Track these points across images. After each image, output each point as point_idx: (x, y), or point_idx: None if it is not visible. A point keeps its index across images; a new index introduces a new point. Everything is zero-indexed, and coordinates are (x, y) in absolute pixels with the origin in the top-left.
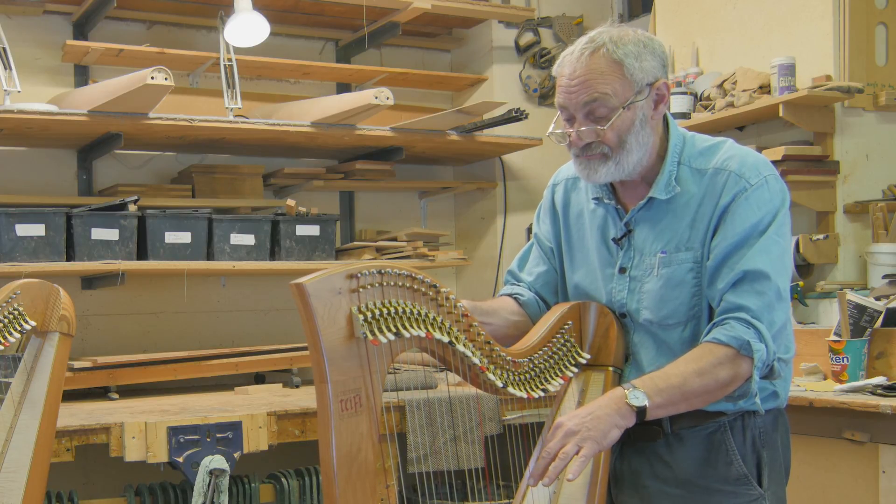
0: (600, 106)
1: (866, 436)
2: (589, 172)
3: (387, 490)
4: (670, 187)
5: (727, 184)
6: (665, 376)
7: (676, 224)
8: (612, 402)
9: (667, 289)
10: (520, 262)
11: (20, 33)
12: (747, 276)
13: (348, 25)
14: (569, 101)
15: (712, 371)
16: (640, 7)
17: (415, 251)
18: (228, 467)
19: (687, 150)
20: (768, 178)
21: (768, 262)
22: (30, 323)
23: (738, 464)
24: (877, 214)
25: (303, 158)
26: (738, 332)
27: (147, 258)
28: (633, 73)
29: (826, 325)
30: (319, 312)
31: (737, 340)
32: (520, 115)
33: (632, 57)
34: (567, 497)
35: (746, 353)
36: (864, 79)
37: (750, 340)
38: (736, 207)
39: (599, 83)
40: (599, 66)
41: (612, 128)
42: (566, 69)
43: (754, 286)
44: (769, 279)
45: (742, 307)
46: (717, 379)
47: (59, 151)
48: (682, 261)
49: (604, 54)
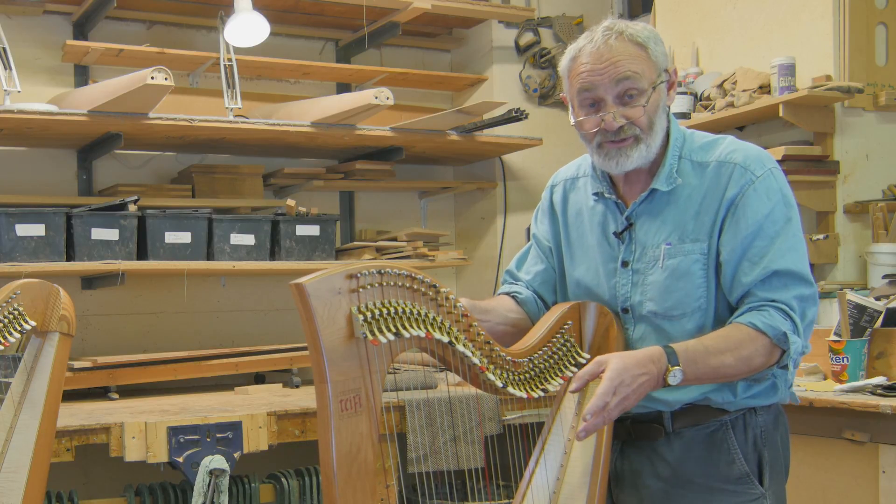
0: (632, 86)
1: (866, 436)
2: (619, 159)
3: (387, 490)
4: (672, 179)
5: (733, 176)
6: (705, 355)
7: (680, 216)
8: (657, 375)
9: (672, 280)
10: (518, 262)
11: (20, 33)
12: (777, 275)
13: (348, 25)
14: (599, 82)
15: (749, 358)
16: (640, 7)
17: (415, 251)
18: (228, 467)
19: (687, 144)
20: (773, 170)
21: (796, 259)
22: (30, 323)
23: (740, 463)
24: (877, 214)
25: (303, 158)
26: (777, 321)
27: (147, 258)
28: (657, 56)
29: (826, 325)
30: (319, 312)
31: (774, 330)
32: (520, 115)
33: (652, 41)
34: (567, 497)
35: (781, 344)
36: (864, 79)
37: (787, 332)
38: (745, 200)
39: (630, 62)
40: (626, 49)
41: (646, 108)
42: (588, 57)
43: (786, 282)
44: (800, 276)
45: (776, 300)
46: (750, 366)
47: (59, 151)
48: (688, 252)
49: (628, 38)
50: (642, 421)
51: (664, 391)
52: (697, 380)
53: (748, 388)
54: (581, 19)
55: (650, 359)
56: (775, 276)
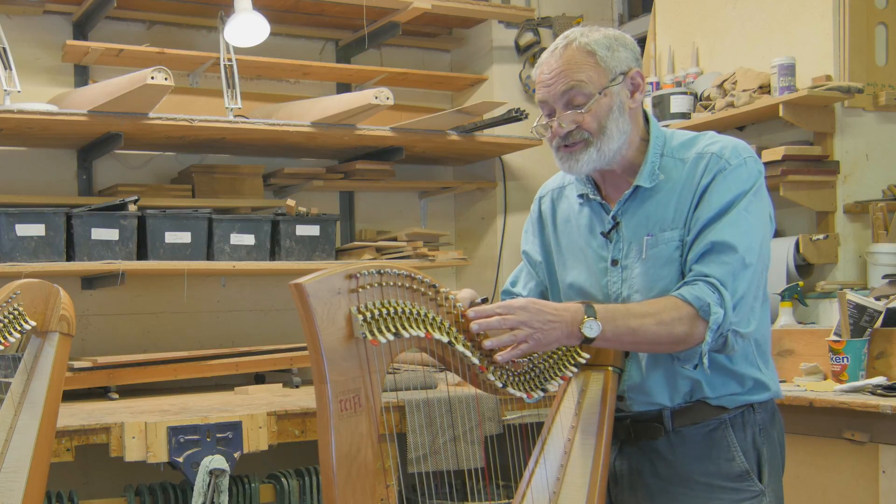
0: (578, 94)
1: (866, 436)
2: (571, 163)
3: (387, 490)
4: (654, 175)
5: (709, 165)
6: (626, 315)
7: (661, 208)
8: (570, 321)
9: (655, 268)
10: (513, 280)
11: (20, 33)
12: (714, 247)
13: (348, 25)
14: (547, 94)
15: (670, 324)
16: (640, 7)
17: (415, 251)
18: (228, 467)
19: (668, 143)
20: (747, 161)
21: (735, 233)
22: (30, 323)
23: (740, 460)
24: (877, 214)
25: (303, 158)
26: (703, 293)
27: (147, 258)
28: (606, 61)
29: (826, 325)
30: (319, 313)
31: (699, 301)
32: (520, 115)
33: (602, 47)
34: (567, 497)
35: (704, 315)
36: (864, 79)
37: (711, 303)
38: (714, 185)
39: (575, 72)
40: (573, 58)
41: (590, 112)
42: (543, 67)
43: (720, 256)
44: (735, 250)
45: (707, 275)
46: (671, 332)
47: (59, 151)
48: (668, 240)
49: (576, 47)
50: (642, 420)
51: (661, 384)
52: (617, 339)
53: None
54: (581, 19)
55: (565, 307)
56: (712, 249)
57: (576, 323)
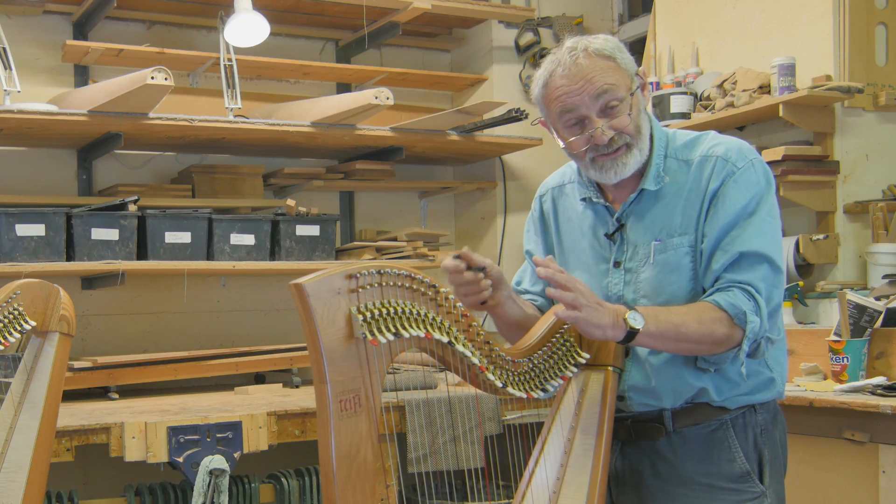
0: (612, 97)
1: (866, 436)
2: (616, 169)
3: (387, 490)
4: (659, 178)
5: (715, 168)
6: (667, 311)
7: (668, 212)
8: (614, 311)
9: (664, 274)
10: (518, 279)
11: (20, 33)
12: (744, 257)
13: (348, 25)
14: (579, 101)
15: (710, 325)
16: (639, 7)
17: (415, 251)
18: (228, 467)
19: (671, 143)
20: (754, 162)
21: (764, 242)
22: (30, 323)
23: (741, 461)
24: (877, 214)
25: (303, 158)
26: (739, 300)
27: (147, 258)
28: (626, 64)
29: (826, 325)
30: (319, 313)
31: (734, 308)
32: (520, 115)
33: (616, 50)
34: (567, 497)
35: (740, 322)
36: (864, 79)
37: (747, 311)
38: (725, 191)
39: (603, 76)
40: (596, 63)
41: (631, 116)
42: (561, 80)
43: (753, 265)
44: (766, 258)
45: (742, 282)
46: (712, 333)
47: (59, 151)
48: (676, 245)
49: (594, 53)
50: (643, 420)
51: (665, 380)
52: (661, 334)
53: (748, 380)
54: (581, 19)
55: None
56: (742, 258)
57: (620, 313)
